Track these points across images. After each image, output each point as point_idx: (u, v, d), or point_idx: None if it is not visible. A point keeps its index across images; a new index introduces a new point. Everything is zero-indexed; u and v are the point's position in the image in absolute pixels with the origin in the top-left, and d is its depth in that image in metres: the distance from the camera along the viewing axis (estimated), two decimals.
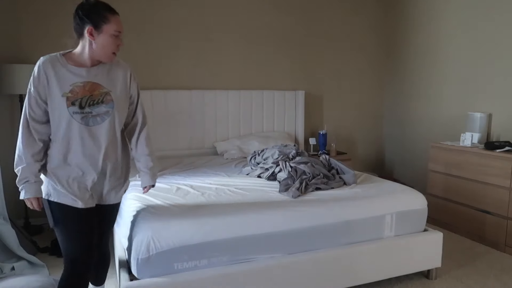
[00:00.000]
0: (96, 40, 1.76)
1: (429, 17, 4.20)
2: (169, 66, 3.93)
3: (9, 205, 3.26)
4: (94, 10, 1.75)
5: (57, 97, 1.75)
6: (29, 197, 1.80)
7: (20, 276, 2.44)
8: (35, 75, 1.83)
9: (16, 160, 1.85)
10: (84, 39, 1.80)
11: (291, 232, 2.25)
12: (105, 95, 1.80)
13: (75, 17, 1.80)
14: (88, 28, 1.76)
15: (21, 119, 1.79)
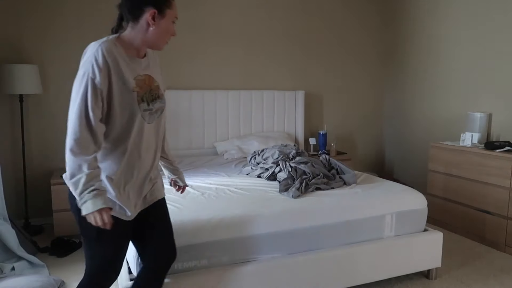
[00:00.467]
0: (156, 26, 1.51)
1: (429, 17, 4.20)
2: (169, 66, 3.92)
3: (9, 205, 3.26)
4: None
5: (126, 92, 1.48)
6: (103, 207, 1.39)
7: (20, 276, 2.44)
8: (99, 65, 1.42)
9: (72, 170, 1.40)
10: (139, 24, 1.52)
11: (291, 232, 2.25)
12: (158, 89, 1.61)
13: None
14: (151, 12, 1.49)
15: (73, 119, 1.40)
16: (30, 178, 3.55)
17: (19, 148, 3.49)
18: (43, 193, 3.56)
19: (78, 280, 2.57)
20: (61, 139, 3.67)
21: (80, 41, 3.62)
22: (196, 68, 4.03)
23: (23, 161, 3.40)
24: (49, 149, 3.62)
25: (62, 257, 2.96)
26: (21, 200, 3.54)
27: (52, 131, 3.61)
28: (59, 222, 3.23)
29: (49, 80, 3.56)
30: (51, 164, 3.63)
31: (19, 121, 3.45)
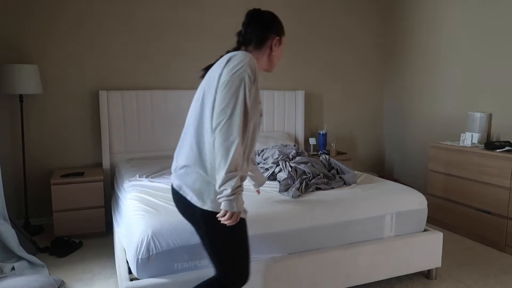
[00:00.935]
0: (276, 51, 1.76)
1: (429, 17, 4.20)
2: (169, 66, 3.93)
3: (9, 205, 3.27)
4: (277, 20, 1.76)
5: (256, 104, 1.59)
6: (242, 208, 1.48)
7: (20, 276, 2.44)
8: (254, 73, 1.54)
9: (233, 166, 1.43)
10: (263, 48, 1.75)
11: (291, 232, 2.25)
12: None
13: (258, 24, 1.75)
14: (275, 39, 1.74)
15: (237, 123, 1.46)
16: (30, 178, 3.55)
17: (19, 148, 3.49)
18: (43, 193, 3.56)
19: (78, 280, 2.59)
20: (61, 139, 3.69)
21: (80, 41, 3.63)
22: (196, 68, 4.03)
23: (23, 161, 3.40)
24: (49, 149, 3.62)
25: (62, 257, 2.97)
26: (21, 200, 3.54)
27: (52, 131, 3.61)
28: (59, 222, 3.23)
29: (49, 80, 3.56)
30: (51, 164, 3.63)
31: (19, 121, 3.45)
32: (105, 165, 3.63)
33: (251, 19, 1.78)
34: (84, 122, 3.71)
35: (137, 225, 2.05)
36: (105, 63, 3.72)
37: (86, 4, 3.61)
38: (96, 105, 3.70)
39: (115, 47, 3.73)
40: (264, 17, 1.75)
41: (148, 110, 3.76)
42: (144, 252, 1.94)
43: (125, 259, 2.19)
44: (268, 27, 1.74)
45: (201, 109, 1.62)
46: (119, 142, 3.68)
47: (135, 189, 2.63)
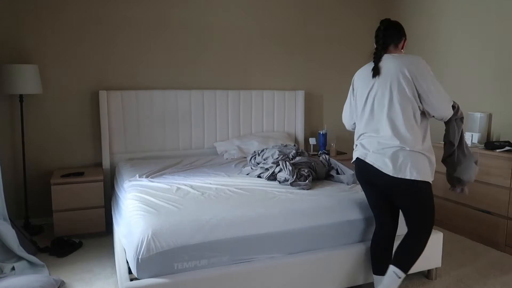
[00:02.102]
0: (404, 48, 2.30)
1: (428, 17, 4.20)
2: (169, 66, 3.93)
3: (9, 205, 3.27)
4: (403, 27, 2.28)
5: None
6: None
7: (20, 276, 2.44)
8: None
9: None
10: (398, 48, 2.24)
11: (291, 232, 2.25)
12: None
13: (399, 30, 2.23)
14: (405, 40, 2.28)
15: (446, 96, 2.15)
16: (30, 178, 3.55)
17: (19, 148, 3.49)
18: (43, 193, 3.56)
19: (78, 280, 2.59)
20: (61, 139, 3.69)
21: (80, 41, 3.63)
22: (196, 68, 4.03)
23: (23, 161, 3.40)
24: (49, 149, 3.62)
25: (62, 257, 2.97)
26: (21, 200, 3.54)
27: (52, 131, 3.61)
28: (59, 222, 3.23)
29: (49, 80, 3.56)
30: (51, 164, 3.63)
31: (19, 121, 3.45)
32: (105, 165, 3.63)
33: (388, 26, 2.21)
34: (84, 122, 3.71)
35: (137, 225, 2.06)
36: (105, 63, 3.72)
37: (86, 4, 3.60)
38: (96, 105, 3.70)
39: (115, 47, 3.73)
40: (397, 24, 2.24)
41: (148, 110, 3.76)
42: (144, 252, 1.94)
43: (125, 259, 2.19)
44: (401, 31, 2.24)
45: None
46: (119, 142, 3.68)
47: (135, 189, 2.63)
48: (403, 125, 2.06)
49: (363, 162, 2.19)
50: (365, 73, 2.25)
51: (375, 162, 2.12)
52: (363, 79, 2.25)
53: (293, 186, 2.69)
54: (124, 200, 2.60)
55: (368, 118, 2.22)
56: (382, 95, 2.13)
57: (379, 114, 2.15)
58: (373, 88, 2.18)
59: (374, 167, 2.12)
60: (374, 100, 2.17)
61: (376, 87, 2.16)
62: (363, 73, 2.27)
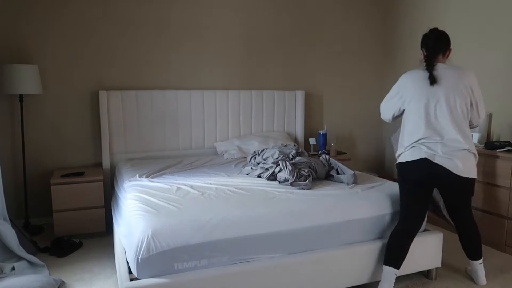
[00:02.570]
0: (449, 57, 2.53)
1: (428, 17, 4.20)
2: (169, 66, 3.93)
3: (9, 205, 3.27)
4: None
5: None
6: None
7: (20, 276, 2.44)
8: None
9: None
10: (444, 57, 2.49)
11: (291, 232, 2.25)
12: None
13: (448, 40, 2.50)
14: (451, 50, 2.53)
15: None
16: (30, 178, 3.55)
17: (19, 148, 3.49)
18: (43, 193, 3.56)
19: (78, 280, 2.59)
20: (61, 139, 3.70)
21: (80, 41, 3.64)
22: (196, 68, 4.03)
23: (23, 161, 3.40)
24: (49, 149, 3.62)
25: (62, 257, 2.97)
26: (21, 200, 3.54)
27: (52, 131, 3.61)
28: (59, 222, 3.23)
29: (49, 80, 3.56)
30: (51, 164, 3.63)
31: (19, 121, 3.45)
32: (105, 165, 3.63)
33: (439, 36, 2.46)
34: (84, 122, 3.71)
35: (137, 225, 2.06)
36: (105, 63, 3.72)
37: (86, 4, 3.60)
38: (96, 105, 3.70)
39: (115, 47, 3.73)
40: (446, 34, 2.49)
41: (148, 110, 3.76)
42: (144, 252, 1.94)
43: (125, 259, 2.19)
44: (449, 42, 2.49)
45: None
46: (119, 142, 3.68)
47: (135, 189, 2.63)
48: (466, 130, 2.36)
49: (430, 162, 2.33)
50: (419, 79, 2.41)
51: (445, 163, 2.30)
52: (418, 85, 2.40)
53: (293, 186, 2.69)
54: (124, 200, 2.59)
55: (430, 123, 2.36)
56: (447, 103, 2.33)
57: (444, 120, 2.33)
58: (434, 96, 2.35)
59: (443, 167, 2.31)
60: (436, 107, 2.35)
61: (438, 95, 2.34)
62: (417, 79, 2.43)
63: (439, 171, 2.32)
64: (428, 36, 2.47)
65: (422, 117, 2.37)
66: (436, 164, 2.31)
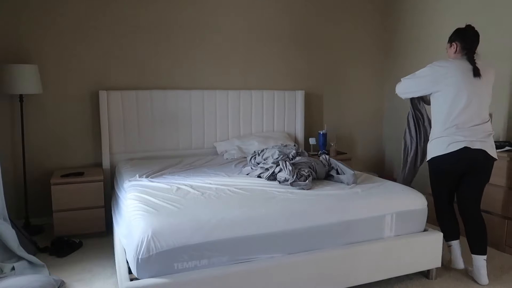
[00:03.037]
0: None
1: (429, 16, 4.20)
2: (169, 66, 3.93)
3: (9, 205, 3.26)
4: None
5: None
6: None
7: (20, 276, 2.44)
8: None
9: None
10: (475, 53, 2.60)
11: (291, 232, 2.25)
12: None
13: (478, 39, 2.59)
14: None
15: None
16: (30, 178, 3.55)
17: (19, 148, 3.49)
18: (43, 193, 3.56)
19: (78, 280, 2.59)
20: (61, 139, 3.70)
21: (80, 41, 3.64)
22: (196, 68, 4.03)
23: (23, 161, 3.40)
24: (49, 149, 3.62)
25: (62, 257, 2.97)
26: (21, 200, 3.54)
27: (52, 131, 3.61)
28: (59, 222, 3.23)
29: (49, 80, 3.56)
30: (51, 164, 3.63)
31: (19, 121, 3.45)
32: (105, 165, 3.63)
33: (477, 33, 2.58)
34: (84, 122, 3.71)
35: (137, 225, 2.06)
36: (105, 63, 3.72)
37: (86, 4, 3.60)
38: (96, 105, 3.70)
39: (115, 47, 3.73)
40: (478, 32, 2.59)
41: (148, 110, 3.76)
42: (144, 252, 1.94)
43: (125, 259, 2.19)
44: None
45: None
46: (119, 142, 3.68)
47: (135, 189, 2.63)
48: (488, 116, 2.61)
49: (470, 150, 2.49)
50: (463, 70, 2.53)
51: (483, 147, 2.50)
52: (462, 76, 2.53)
53: (293, 186, 2.69)
54: (124, 200, 2.60)
55: (472, 111, 2.52)
56: (485, 93, 2.56)
57: (483, 109, 2.56)
58: (476, 87, 2.52)
59: (483, 151, 2.50)
60: (479, 96, 2.54)
61: (480, 86, 2.53)
62: (460, 69, 2.54)
63: (479, 155, 2.51)
64: (468, 31, 2.59)
65: (461, 104, 2.51)
66: (475, 150, 2.49)
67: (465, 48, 2.59)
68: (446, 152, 2.53)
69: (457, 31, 2.64)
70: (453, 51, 2.64)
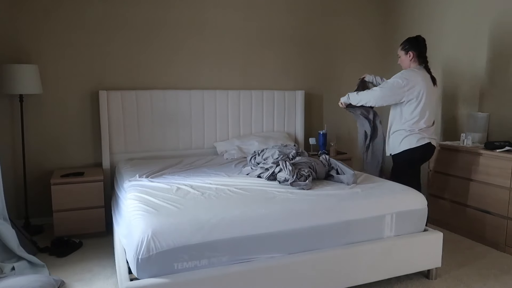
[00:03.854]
0: None
1: (429, 17, 4.20)
2: (169, 66, 3.93)
3: (9, 205, 3.26)
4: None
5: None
6: None
7: (20, 276, 2.44)
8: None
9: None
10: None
11: (291, 232, 2.25)
12: None
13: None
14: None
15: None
16: (30, 178, 3.55)
17: (19, 148, 3.49)
18: (43, 193, 3.56)
19: (78, 280, 2.59)
20: (61, 139, 3.70)
21: (80, 41, 3.64)
22: (196, 68, 4.03)
23: (23, 161, 3.40)
24: (49, 149, 3.62)
25: (62, 257, 2.97)
26: (21, 200, 3.54)
27: (52, 131, 3.61)
28: (59, 222, 3.23)
29: (49, 80, 3.56)
30: (51, 164, 3.63)
31: (19, 121, 3.45)
32: (105, 165, 3.63)
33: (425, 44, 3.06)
34: (84, 122, 3.71)
35: (137, 225, 2.06)
36: (105, 63, 3.72)
37: (86, 4, 3.60)
38: (96, 105, 3.70)
39: (115, 47, 3.73)
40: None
41: (148, 110, 3.76)
42: (144, 252, 1.94)
43: (125, 259, 2.19)
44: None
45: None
46: (119, 142, 3.68)
47: (135, 189, 2.63)
48: None
49: (430, 145, 3.05)
50: (426, 79, 2.99)
51: (434, 143, 3.09)
52: (427, 85, 2.99)
53: (293, 186, 2.69)
54: (124, 200, 2.60)
55: (431, 115, 3.05)
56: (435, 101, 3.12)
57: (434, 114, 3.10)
58: (433, 94, 3.05)
59: (434, 146, 3.10)
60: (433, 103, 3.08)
61: (435, 94, 3.10)
62: (425, 78, 2.99)
63: (432, 150, 3.11)
64: (420, 41, 3.02)
65: (425, 110, 3.00)
66: (432, 146, 3.08)
67: (420, 56, 3.01)
68: (417, 145, 3.01)
69: (410, 41, 3.06)
70: (409, 59, 3.05)
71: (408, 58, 3.05)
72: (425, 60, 3.03)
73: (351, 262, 2.36)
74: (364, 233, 2.44)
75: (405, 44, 3.08)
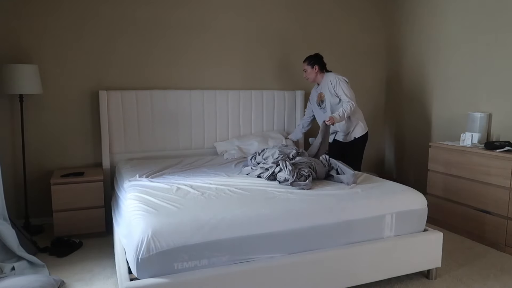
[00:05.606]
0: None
1: (429, 17, 4.20)
2: (169, 66, 3.93)
3: (9, 205, 3.27)
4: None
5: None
6: None
7: (20, 276, 2.44)
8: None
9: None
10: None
11: (291, 232, 2.25)
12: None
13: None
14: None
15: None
16: (30, 178, 3.55)
17: (19, 148, 3.49)
18: (43, 193, 3.56)
19: (78, 280, 2.59)
20: (61, 139, 3.69)
21: (80, 41, 3.64)
22: (196, 68, 4.03)
23: (23, 161, 3.40)
24: (49, 149, 3.62)
25: (62, 257, 2.97)
26: (21, 200, 3.54)
27: (52, 131, 3.61)
28: (59, 222, 3.23)
29: (49, 80, 3.56)
30: (51, 164, 3.63)
31: (19, 121, 3.45)
32: (105, 165, 3.63)
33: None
34: (84, 122, 3.71)
35: (137, 225, 2.06)
36: (105, 63, 3.72)
37: (86, 4, 3.61)
38: (96, 105, 3.70)
39: (115, 47, 3.73)
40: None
41: (148, 110, 3.76)
42: (144, 252, 1.94)
43: (125, 259, 2.19)
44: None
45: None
46: (119, 142, 3.68)
47: (135, 189, 2.63)
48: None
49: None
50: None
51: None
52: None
53: (293, 186, 2.69)
54: (124, 200, 2.60)
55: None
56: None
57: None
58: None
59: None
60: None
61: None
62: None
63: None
64: (320, 57, 3.79)
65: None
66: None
67: (323, 68, 3.79)
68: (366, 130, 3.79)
69: (315, 58, 3.75)
70: (316, 71, 3.76)
71: (315, 71, 3.76)
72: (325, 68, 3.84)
73: (351, 262, 2.36)
74: (364, 233, 2.44)
75: (310, 61, 3.74)
